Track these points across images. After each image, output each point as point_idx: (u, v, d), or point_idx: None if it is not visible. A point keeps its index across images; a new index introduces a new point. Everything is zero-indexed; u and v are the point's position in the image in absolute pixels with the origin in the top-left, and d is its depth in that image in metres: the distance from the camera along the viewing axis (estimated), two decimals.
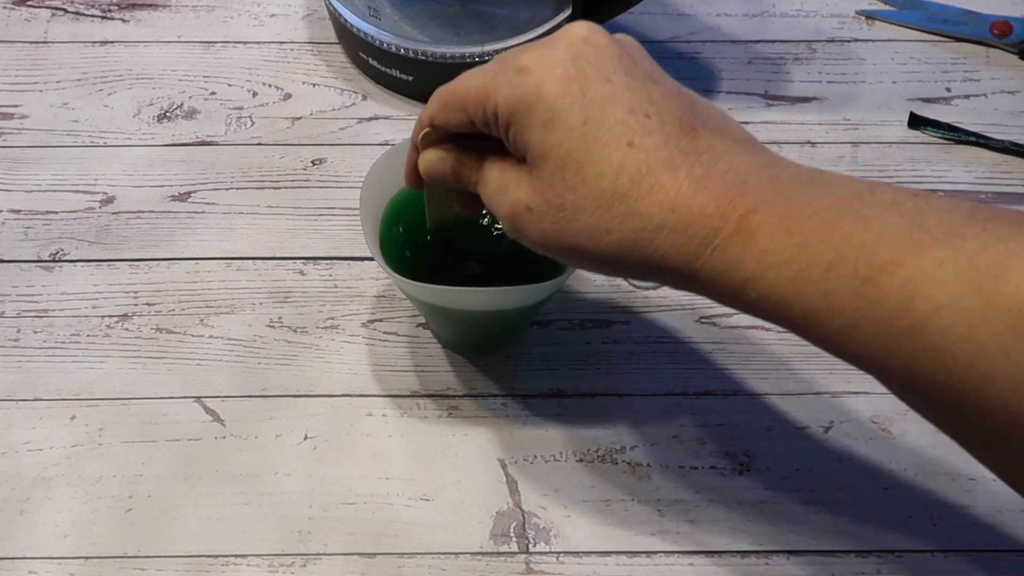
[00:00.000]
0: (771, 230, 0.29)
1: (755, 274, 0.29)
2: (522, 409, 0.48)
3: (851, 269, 0.27)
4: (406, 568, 0.44)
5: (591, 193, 0.30)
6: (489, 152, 0.34)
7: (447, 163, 0.36)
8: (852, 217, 0.28)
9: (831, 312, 0.28)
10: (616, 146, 0.30)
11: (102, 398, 0.48)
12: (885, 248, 0.27)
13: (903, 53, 0.63)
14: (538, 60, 0.31)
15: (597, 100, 0.30)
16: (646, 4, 0.57)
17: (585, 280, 0.52)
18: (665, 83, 0.32)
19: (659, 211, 0.30)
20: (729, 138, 0.31)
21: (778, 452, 0.47)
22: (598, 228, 0.31)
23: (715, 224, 0.29)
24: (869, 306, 0.27)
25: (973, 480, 0.46)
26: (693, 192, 0.29)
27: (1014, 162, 0.57)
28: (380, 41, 0.56)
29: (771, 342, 0.50)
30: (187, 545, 0.44)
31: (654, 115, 0.30)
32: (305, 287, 0.52)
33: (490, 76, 0.32)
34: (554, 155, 0.31)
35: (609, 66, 0.31)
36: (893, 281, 0.27)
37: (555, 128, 0.31)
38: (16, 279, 0.52)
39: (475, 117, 0.33)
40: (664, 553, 0.44)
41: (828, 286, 0.28)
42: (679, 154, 0.30)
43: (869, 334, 0.28)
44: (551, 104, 0.31)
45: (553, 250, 0.32)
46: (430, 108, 0.35)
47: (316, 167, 0.56)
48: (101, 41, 0.62)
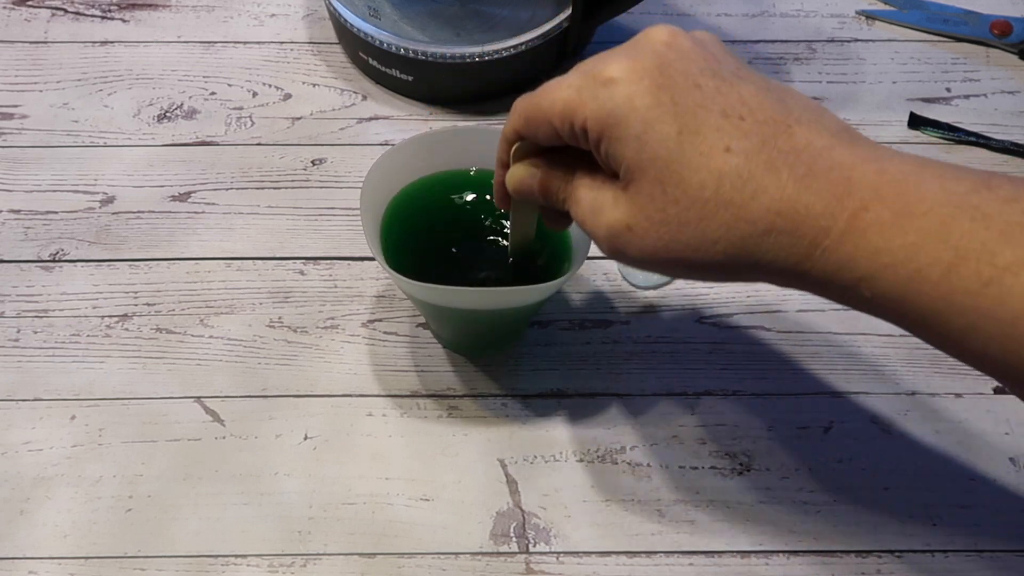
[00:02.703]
0: (884, 228, 0.28)
1: (869, 273, 0.28)
2: (522, 409, 0.48)
3: (973, 270, 0.27)
4: (406, 568, 0.44)
5: (694, 204, 0.29)
6: (578, 167, 0.33)
7: (536, 179, 0.35)
8: (971, 214, 0.27)
9: (952, 312, 0.27)
10: (714, 153, 0.29)
11: (102, 398, 0.48)
12: (1009, 248, 0.27)
13: (903, 53, 0.63)
14: (624, 71, 0.30)
15: (690, 107, 0.30)
16: (646, 4, 0.57)
17: (585, 280, 0.52)
18: (753, 79, 0.31)
19: (765, 215, 0.29)
20: (826, 131, 0.30)
21: (778, 452, 0.47)
22: (704, 239, 0.30)
23: (824, 224, 0.29)
24: (992, 307, 0.27)
25: (973, 480, 0.46)
26: (798, 193, 0.29)
27: (1014, 162, 0.57)
28: (380, 41, 0.56)
29: (771, 342, 0.50)
30: (187, 545, 0.44)
31: (748, 116, 0.30)
32: (305, 287, 0.52)
33: (575, 89, 0.31)
34: (651, 168, 0.30)
35: (696, 70, 0.30)
36: (1019, 282, 0.26)
37: (650, 140, 0.30)
38: (16, 279, 0.52)
39: (562, 132, 0.32)
40: (664, 553, 0.44)
41: (949, 286, 0.27)
42: (778, 155, 0.29)
43: (992, 336, 0.27)
44: (643, 116, 0.30)
45: (657, 265, 0.32)
46: (514, 122, 0.34)
47: (316, 167, 0.56)
48: (101, 41, 0.62)
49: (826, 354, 0.50)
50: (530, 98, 0.33)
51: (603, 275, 0.53)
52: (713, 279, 0.32)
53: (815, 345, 0.50)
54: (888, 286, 0.28)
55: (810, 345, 0.50)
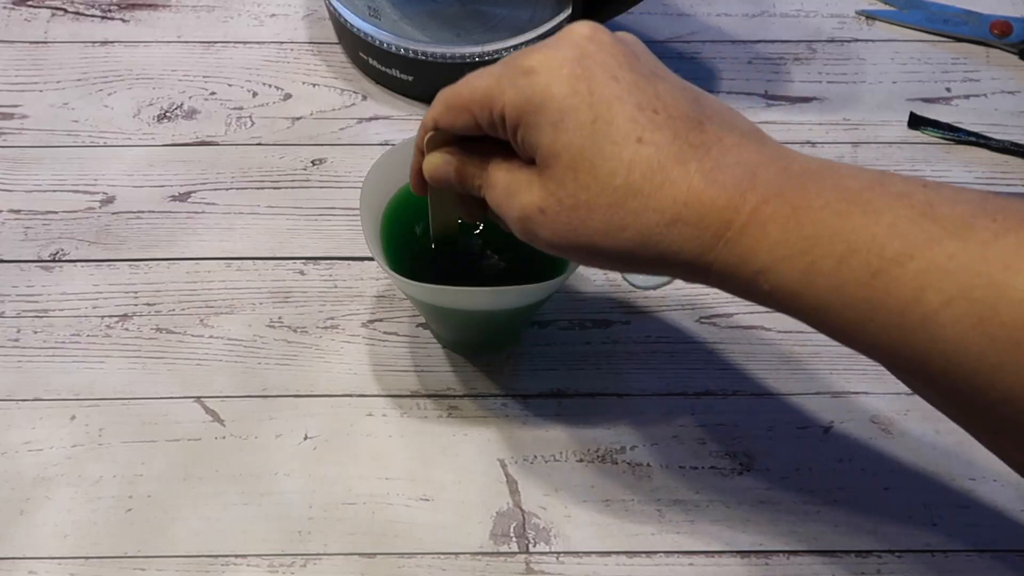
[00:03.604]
0: (783, 222, 0.29)
1: (767, 265, 0.29)
2: (522, 409, 0.48)
3: (862, 261, 0.28)
4: (406, 568, 0.44)
5: (604, 191, 0.30)
6: (494, 155, 0.34)
7: (451, 166, 0.36)
8: (863, 209, 0.28)
9: (843, 304, 0.28)
10: (626, 143, 0.30)
11: (102, 398, 0.48)
12: (896, 240, 0.27)
13: (903, 53, 0.63)
14: (544, 61, 0.31)
15: (605, 98, 0.31)
16: (646, 4, 0.57)
17: (585, 280, 0.52)
18: (670, 78, 0.32)
19: (672, 205, 0.30)
20: (736, 131, 0.31)
21: (778, 452, 0.47)
22: (612, 225, 0.31)
23: (727, 216, 0.29)
24: (880, 298, 0.27)
25: (973, 480, 0.46)
26: (704, 185, 0.30)
27: (1014, 162, 0.57)
28: (380, 41, 0.56)
29: (771, 342, 0.50)
30: (187, 545, 0.44)
31: (662, 111, 0.31)
32: (305, 287, 0.52)
33: (495, 78, 0.32)
34: (565, 155, 0.31)
35: (615, 64, 0.31)
36: (904, 273, 0.27)
37: (565, 128, 0.31)
38: (16, 279, 0.52)
39: (481, 119, 0.33)
40: (664, 553, 0.44)
41: (840, 278, 0.28)
42: (688, 148, 0.30)
43: (880, 325, 0.28)
44: (560, 104, 0.31)
45: (566, 250, 0.32)
46: (434, 111, 0.35)
47: (316, 167, 0.56)
48: (101, 41, 0.62)
49: (826, 354, 0.50)
50: (452, 88, 0.34)
51: (603, 275, 0.53)
52: (622, 268, 0.33)
53: (815, 345, 0.50)
54: (785, 279, 0.29)
55: (810, 345, 0.50)
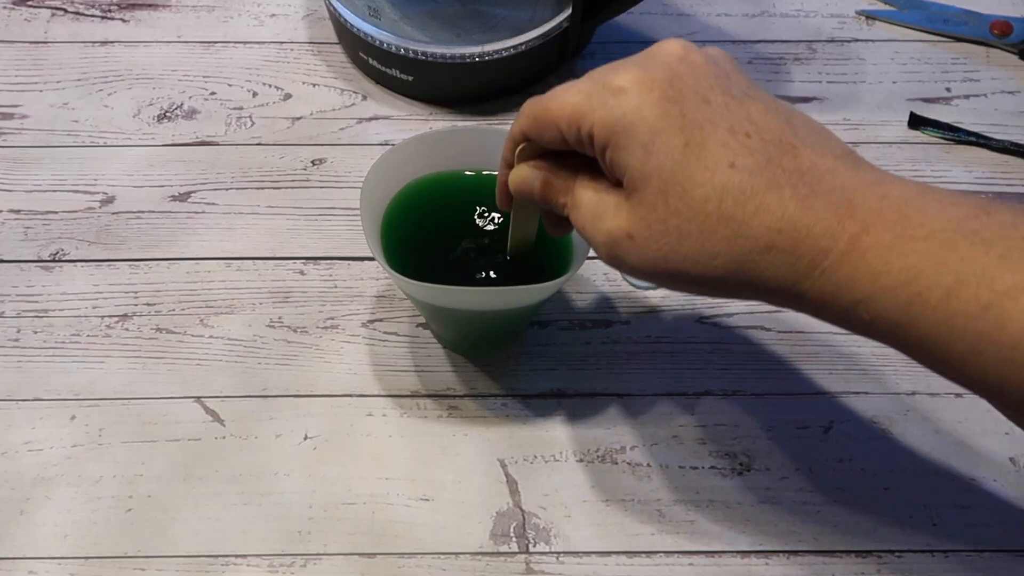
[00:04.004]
0: (884, 251, 0.28)
1: (868, 296, 0.29)
2: (522, 409, 0.48)
3: (972, 294, 0.27)
4: (406, 568, 0.44)
5: (696, 217, 0.30)
6: (581, 172, 0.34)
7: (538, 180, 0.35)
8: (971, 239, 0.28)
9: (951, 336, 0.28)
10: (719, 168, 0.29)
11: (102, 398, 0.48)
12: (1008, 273, 0.27)
13: (903, 53, 0.63)
14: (635, 81, 0.31)
15: (697, 122, 0.30)
16: (646, 4, 0.57)
17: (585, 280, 0.52)
18: (762, 99, 0.32)
19: (765, 233, 0.29)
20: (830, 154, 0.30)
21: (778, 452, 0.47)
22: (704, 252, 0.30)
23: (824, 245, 0.29)
24: (992, 331, 0.27)
25: (973, 480, 0.46)
26: (799, 212, 0.29)
27: (1014, 162, 0.57)
28: (380, 41, 0.56)
29: (771, 342, 0.50)
30: (187, 545, 0.44)
31: (754, 134, 0.30)
32: (305, 287, 0.52)
33: (585, 95, 0.32)
34: (656, 178, 0.30)
35: (706, 85, 0.31)
36: (1017, 307, 0.27)
37: (656, 151, 0.30)
38: (16, 279, 0.52)
39: (568, 136, 0.32)
40: (664, 553, 0.44)
41: (948, 311, 0.27)
42: (782, 174, 0.29)
43: (991, 360, 0.27)
44: (651, 126, 0.30)
45: (654, 276, 0.32)
46: (521, 122, 0.34)
47: (316, 167, 0.56)
48: (101, 41, 0.62)
49: (826, 354, 0.50)
50: (540, 100, 0.33)
51: (603, 275, 0.53)
52: (709, 294, 0.32)
53: (815, 345, 0.50)
54: (887, 309, 0.28)
55: (810, 345, 0.50)
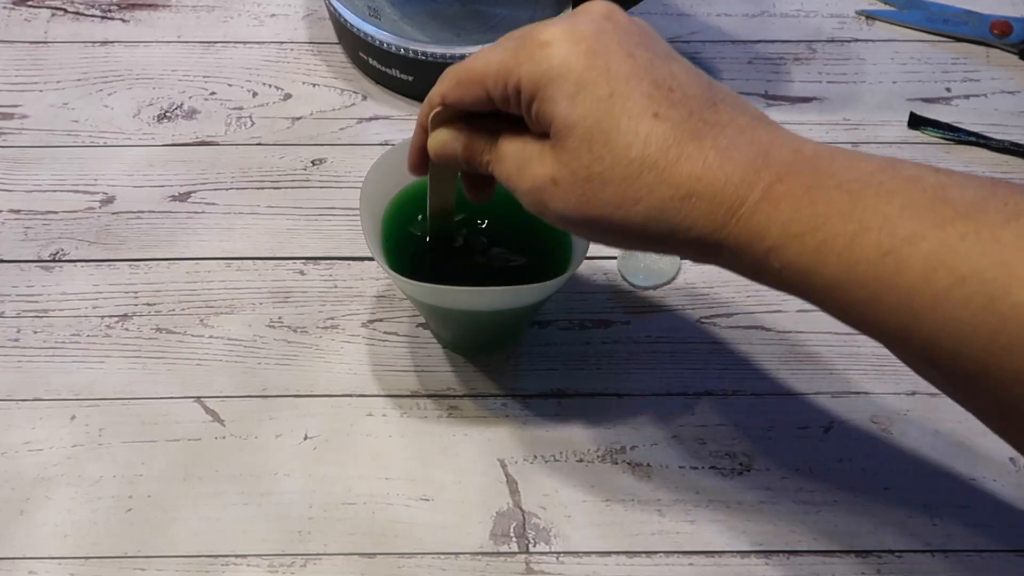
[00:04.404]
0: (795, 200, 0.29)
1: (779, 243, 0.29)
2: (522, 409, 0.48)
3: (874, 240, 0.28)
4: (406, 568, 0.44)
5: (619, 163, 0.30)
6: (503, 130, 0.34)
7: (459, 142, 0.36)
8: (876, 190, 0.28)
9: (853, 283, 0.28)
10: (643, 117, 0.30)
11: (102, 398, 0.48)
12: (908, 221, 0.27)
13: (903, 53, 0.63)
14: (561, 34, 0.31)
15: (623, 73, 0.31)
16: (646, 4, 0.57)
17: (585, 280, 0.52)
18: (683, 61, 0.33)
19: (687, 180, 0.30)
20: (748, 114, 0.31)
21: (778, 452, 0.47)
22: (626, 198, 0.31)
23: (741, 193, 0.30)
24: (891, 277, 0.28)
25: (973, 480, 0.46)
26: (720, 162, 0.30)
27: (1014, 162, 0.57)
28: (380, 41, 0.56)
29: (771, 342, 0.50)
30: (187, 545, 0.44)
31: (677, 89, 0.31)
32: (305, 287, 0.52)
33: (511, 52, 0.32)
34: (581, 127, 0.31)
35: (631, 42, 0.32)
36: (916, 253, 0.27)
37: (582, 100, 0.31)
38: (16, 279, 0.52)
39: (494, 93, 0.33)
40: (664, 553, 0.44)
41: (851, 257, 0.28)
42: (704, 126, 0.30)
43: (891, 306, 0.28)
44: (577, 77, 0.31)
45: (578, 223, 0.32)
46: (441, 86, 0.35)
47: (316, 167, 0.56)
48: (101, 41, 0.62)
49: (826, 354, 0.50)
50: (461, 64, 0.34)
51: (603, 275, 0.53)
52: (631, 245, 0.33)
53: (815, 345, 0.50)
54: (796, 256, 0.29)
55: (810, 345, 0.50)
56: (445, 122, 0.36)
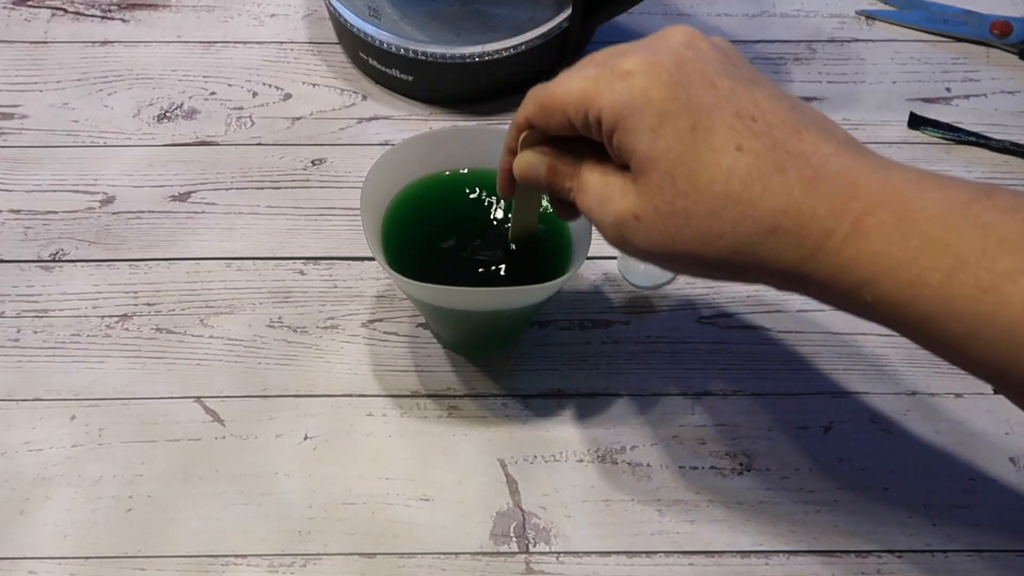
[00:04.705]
0: (887, 233, 0.28)
1: (871, 277, 0.29)
2: (522, 409, 0.48)
3: (972, 275, 0.27)
4: (406, 568, 0.44)
5: (703, 198, 0.30)
6: (587, 157, 0.34)
7: (544, 166, 0.35)
8: (971, 222, 0.28)
9: (950, 318, 0.28)
10: (726, 151, 0.30)
11: (102, 398, 0.48)
12: (1007, 255, 0.27)
13: (903, 53, 0.63)
14: (643, 65, 0.31)
15: (704, 105, 0.30)
16: (646, 4, 0.57)
17: (585, 280, 0.52)
18: (767, 86, 0.32)
19: (772, 214, 0.29)
20: (834, 139, 0.31)
21: (778, 452, 0.47)
22: (710, 233, 0.30)
23: (828, 226, 0.29)
24: (991, 313, 0.27)
25: (973, 480, 0.46)
26: (804, 195, 0.29)
27: (1014, 162, 0.57)
28: (380, 41, 0.56)
29: (771, 342, 0.50)
30: (187, 545, 0.44)
31: (760, 118, 0.30)
32: (305, 287, 0.52)
33: (591, 80, 0.32)
34: (663, 161, 0.30)
35: (712, 71, 0.31)
36: (1016, 289, 0.27)
37: (664, 133, 0.30)
38: (16, 279, 0.52)
39: (576, 121, 0.33)
40: (664, 553, 0.44)
41: (948, 291, 0.28)
42: (787, 157, 0.30)
43: (990, 342, 0.27)
44: (659, 109, 0.30)
45: (661, 258, 0.32)
46: (526, 109, 0.35)
47: (316, 167, 0.56)
48: (101, 41, 0.62)
49: (826, 354, 0.50)
50: (545, 87, 0.34)
51: (603, 275, 0.53)
52: (715, 277, 0.33)
53: (815, 345, 0.50)
54: (889, 291, 0.29)
55: (810, 345, 0.50)
56: (532, 144, 0.35)
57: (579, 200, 0.34)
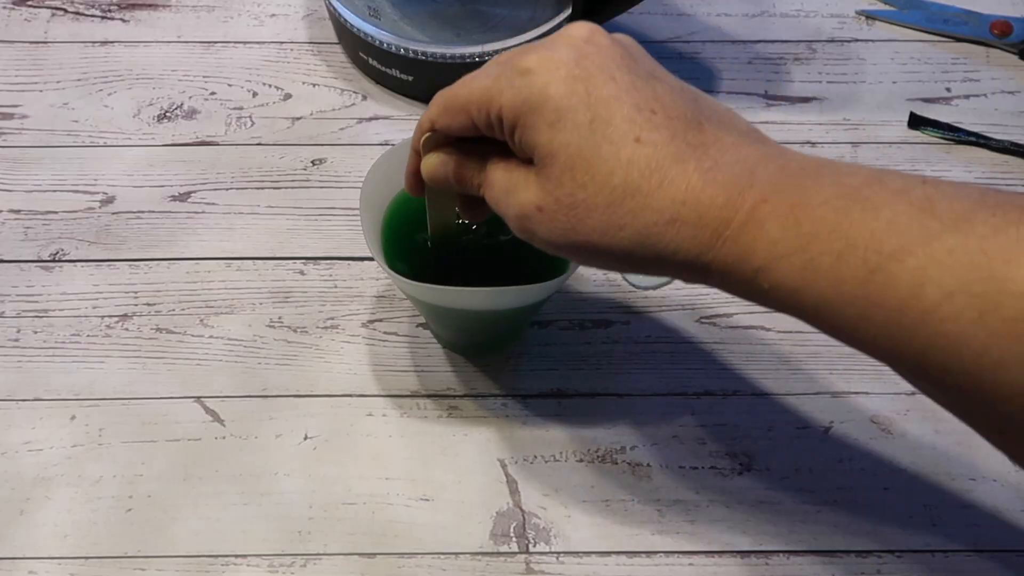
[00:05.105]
0: (781, 219, 0.29)
1: (766, 264, 0.29)
2: (522, 409, 0.48)
3: (860, 258, 0.27)
4: (406, 568, 0.44)
5: (602, 190, 0.30)
6: (492, 154, 0.34)
7: (449, 167, 0.36)
8: (862, 205, 0.28)
9: (842, 301, 0.28)
10: (624, 143, 0.30)
11: (102, 398, 0.48)
12: (895, 236, 0.27)
13: (903, 53, 0.63)
14: (541, 61, 0.31)
15: (603, 98, 0.31)
16: (646, 4, 0.57)
17: (585, 280, 0.52)
18: (668, 80, 0.32)
19: (670, 205, 0.30)
20: (735, 131, 0.31)
21: (778, 452, 0.47)
22: (610, 225, 0.31)
23: (726, 215, 0.29)
24: (879, 294, 0.27)
25: (973, 480, 0.46)
26: (703, 184, 0.30)
27: (1014, 162, 0.57)
28: (380, 41, 0.56)
29: (771, 342, 0.50)
30: (187, 545, 0.44)
31: (660, 111, 0.31)
32: (305, 287, 0.52)
33: (492, 79, 0.32)
34: (563, 154, 0.31)
35: (612, 65, 0.31)
36: (903, 269, 0.27)
37: (562, 128, 0.31)
38: (16, 279, 0.52)
39: (478, 120, 0.33)
40: (664, 553, 0.44)
41: (838, 275, 0.28)
42: (687, 148, 0.30)
43: (880, 323, 0.28)
44: (557, 104, 0.31)
45: (564, 249, 0.32)
46: (431, 112, 0.35)
47: (316, 167, 0.56)
48: (101, 41, 0.62)
49: (826, 354, 0.50)
50: (449, 90, 0.34)
51: (603, 275, 0.53)
52: (620, 268, 0.33)
53: (815, 345, 0.50)
54: (783, 277, 0.29)
55: (810, 345, 0.50)
56: (437, 146, 0.36)
57: (487, 194, 0.35)
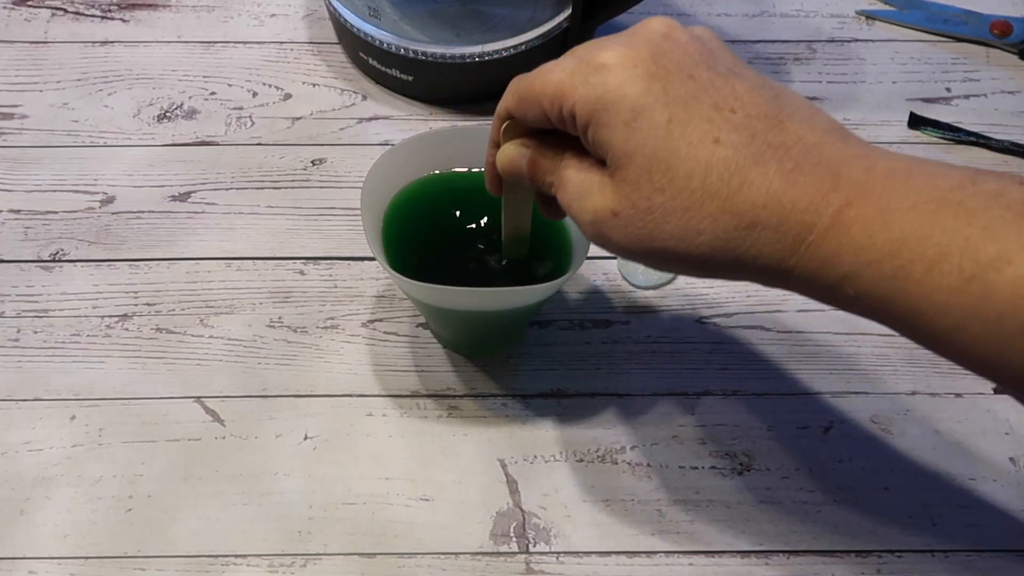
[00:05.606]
0: (868, 224, 0.27)
1: (853, 271, 0.28)
2: (522, 409, 0.48)
3: (955, 266, 0.26)
4: (406, 568, 0.44)
5: (680, 194, 0.29)
6: (567, 150, 0.33)
7: (525, 159, 0.34)
8: (955, 210, 0.27)
9: (935, 311, 0.27)
10: (703, 144, 0.29)
11: (102, 398, 0.48)
12: (991, 243, 0.26)
13: (903, 53, 0.63)
14: (618, 57, 0.30)
15: (681, 98, 0.29)
16: (646, 4, 0.57)
17: (585, 280, 0.52)
18: (748, 76, 0.31)
19: (750, 209, 0.29)
20: (818, 128, 0.30)
21: (778, 452, 0.47)
22: (689, 229, 0.29)
23: (809, 219, 0.28)
24: (976, 304, 0.26)
25: (973, 480, 0.46)
26: (784, 187, 0.28)
27: (1014, 162, 0.57)
28: (380, 41, 0.56)
29: (771, 342, 0.50)
30: (187, 545, 0.44)
31: (739, 109, 0.29)
32: (305, 287, 0.52)
33: (568, 73, 0.31)
34: (639, 156, 0.30)
35: (691, 62, 0.30)
36: (1001, 278, 0.26)
37: (639, 128, 0.29)
38: (16, 279, 0.52)
39: (551, 114, 0.32)
40: (664, 553, 0.44)
41: (932, 284, 0.27)
42: (767, 148, 0.29)
43: (977, 333, 0.26)
44: (633, 103, 0.30)
45: (640, 254, 0.31)
46: (506, 100, 0.34)
47: (316, 167, 0.56)
48: (101, 41, 0.62)
49: (826, 354, 0.50)
50: (525, 78, 0.33)
51: (603, 275, 0.53)
52: (696, 274, 0.32)
53: (815, 345, 0.50)
54: (872, 284, 0.28)
55: (810, 345, 0.50)
56: (514, 136, 0.35)
57: (559, 196, 0.33)
